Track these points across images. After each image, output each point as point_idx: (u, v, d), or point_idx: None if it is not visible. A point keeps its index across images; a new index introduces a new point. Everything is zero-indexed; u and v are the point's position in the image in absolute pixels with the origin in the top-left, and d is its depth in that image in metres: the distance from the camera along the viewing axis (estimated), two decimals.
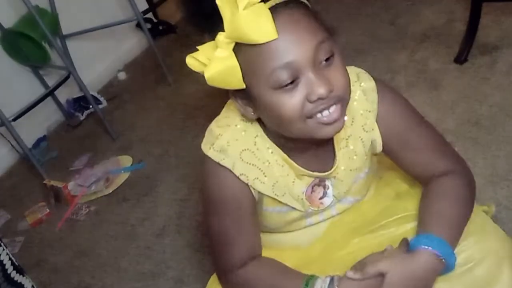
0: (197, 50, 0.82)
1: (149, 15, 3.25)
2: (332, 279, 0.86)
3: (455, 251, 0.86)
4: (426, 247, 0.82)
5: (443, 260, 0.83)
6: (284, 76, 0.78)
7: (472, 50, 2.09)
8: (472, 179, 0.97)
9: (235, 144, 0.91)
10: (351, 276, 0.84)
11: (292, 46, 0.77)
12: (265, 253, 0.99)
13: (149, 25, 3.12)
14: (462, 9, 2.34)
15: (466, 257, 0.87)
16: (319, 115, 0.81)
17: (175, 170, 2.14)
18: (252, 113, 0.87)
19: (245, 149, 0.91)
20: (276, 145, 0.92)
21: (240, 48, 0.79)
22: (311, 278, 0.88)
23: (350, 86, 0.84)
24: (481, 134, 1.75)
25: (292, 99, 0.79)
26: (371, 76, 0.95)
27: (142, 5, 3.09)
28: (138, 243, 1.87)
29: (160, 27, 3.26)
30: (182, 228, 1.84)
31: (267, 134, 0.92)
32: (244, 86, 0.81)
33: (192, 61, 0.82)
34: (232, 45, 0.79)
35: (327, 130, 0.83)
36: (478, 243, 0.88)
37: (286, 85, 0.79)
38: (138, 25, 2.95)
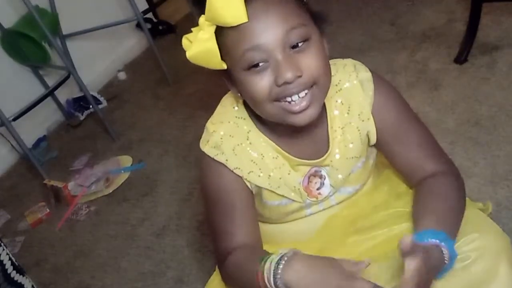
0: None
1: (149, 15, 3.25)
2: (283, 255, 0.81)
3: None
4: (434, 240, 0.82)
5: (445, 255, 0.82)
6: (254, 58, 0.82)
7: (472, 50, 2.09)
8: (462, 182, 0.97)
9: (228, 140, 0.94)
10: None
11: (262, 29, 0.81)
12: (264, 248, 1.00)
13: (149, 25, 3.12)
14: (462, 9, 2.34)
15: (463, 255, 0.87)
16: (288, 98, 0.83)
17: (175, 170, 2.14)
18: (238, 94, 0.91)
19: (238, 144, 0.94)
20: (269, 138, 0.95)
21: (220, 31, 0.83)
22: (268, 255, 0.84)
23: (326, 74, 0.86)
24: (481, 134, 1.74)
25: (262, 81, 0.83)
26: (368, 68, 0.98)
27: (142, 5, 3.09)
28: (138, 243, 1.87)
29: (160, 27, 3.27)
30: (182, 228, 1.84)
31: (259, 128, 0.95)
32: (225, 67, 0.86)
33: (186, 42, 0.87)
34: (213, 27, 0.84)
35: (299, 118, 0.85)
36: (474, 241, 0.88)
37: (255, 66, 0.82)
38: (138, 25, 2.96)
